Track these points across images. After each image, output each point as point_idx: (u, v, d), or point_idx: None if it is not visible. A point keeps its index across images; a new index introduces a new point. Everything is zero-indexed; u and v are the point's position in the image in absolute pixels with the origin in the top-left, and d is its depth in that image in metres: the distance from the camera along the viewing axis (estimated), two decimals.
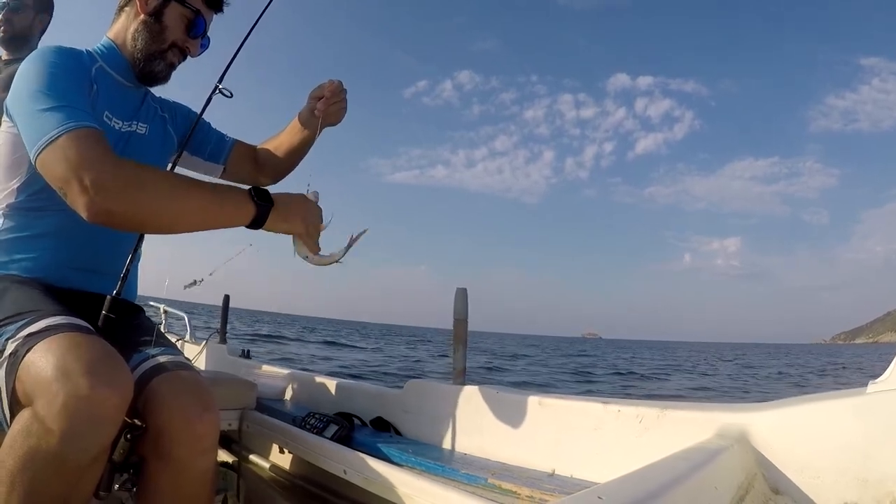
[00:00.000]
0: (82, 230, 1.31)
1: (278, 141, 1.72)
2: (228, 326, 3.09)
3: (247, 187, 1.23)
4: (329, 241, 1.35)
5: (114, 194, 1.07)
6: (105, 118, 1.37)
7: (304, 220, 1.27)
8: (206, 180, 1.37)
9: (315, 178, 1.43)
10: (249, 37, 1.55)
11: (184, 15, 1.42)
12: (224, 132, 1.73)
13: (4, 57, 2.33)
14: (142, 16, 1.41)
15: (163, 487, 1.21)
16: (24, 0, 2.33)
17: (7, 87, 1.28)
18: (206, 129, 1.70)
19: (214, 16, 1.52)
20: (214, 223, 1.20)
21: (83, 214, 1.08)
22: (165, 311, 3.84)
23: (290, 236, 1.31)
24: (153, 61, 1.43)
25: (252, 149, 1.77)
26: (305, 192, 1.34)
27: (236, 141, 1.74)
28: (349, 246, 1.33)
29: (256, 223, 1.20)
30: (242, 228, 1.23)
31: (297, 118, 1.64)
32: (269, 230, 1.24)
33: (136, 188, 1.10)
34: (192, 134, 1.56)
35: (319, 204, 1.34)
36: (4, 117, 1.29)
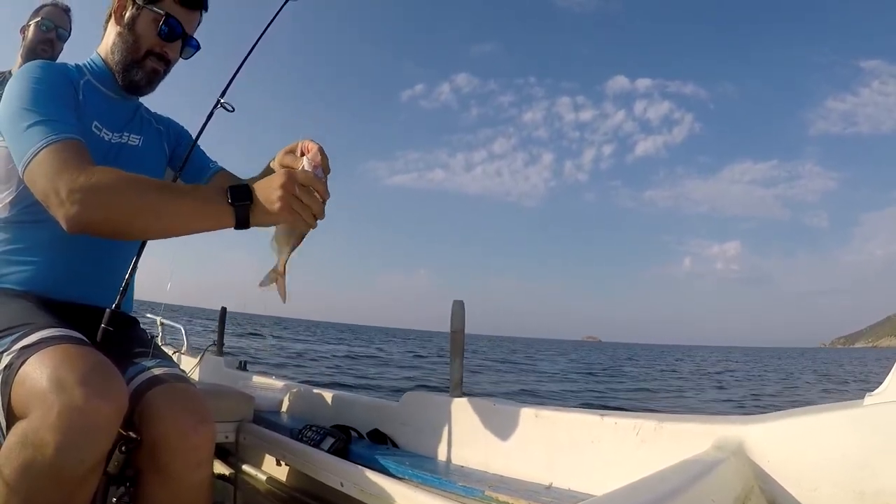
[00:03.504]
0: (76, 243, 1.31)
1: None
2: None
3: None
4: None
5: (88, 204, 1.09)
6: (94, 128, 1.37)
7: (286, 203, 1.13)
8: (187, 185, 1.36)
9: None
10: (252, 53, 1.56)
11: (155, 20, 1.40)
12: (224, 149, 1.70)
13: (14, 72, 2.39)
14: (118, 28, 1.42)
15: (159, 500, 1.21)
16: (69, 33, 2.48)
17: None
18: (195, 150, 1.64)
19: (202, 14, 1.49)
20: (195, 227, 1.18)
21: (64, 226, 1.10)
22: (162, 324, 3.83)
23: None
24: (131, 71, 1.43)
25: (236, 180, 1.65)
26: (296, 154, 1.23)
27: (221, 169, 1.66)
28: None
29: (242, 224, 1.14)
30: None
31: (273, 164, 1.42)
32: (261, 226, 1.17)
33: (110, 195, 1.10)
34: (190, 153, 1.55)
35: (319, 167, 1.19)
36: None
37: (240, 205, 1.14)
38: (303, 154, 1.27)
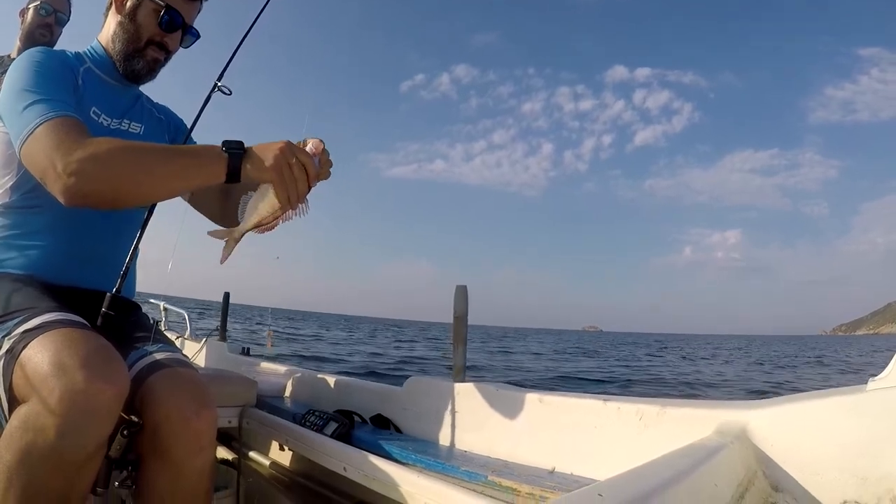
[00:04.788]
0: (77, 226, 1.32)
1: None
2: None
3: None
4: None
5: (84, 174, 1.09)
6: (93, 114, 1.38)
7: (278, 163, 1.14)
8: (177, 145, 1.36)
9: None
10: (249, 34, 1.55)
11: (155, 10, 1.41)
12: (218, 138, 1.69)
13: (13, 56, 2.40)
14: (119, 17, 1.43)
15: (160, 484, 1.21)
16: (68, 17, 2.49)
17: None
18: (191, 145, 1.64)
19: (202, 3, 1.50)
20: (191, 183, 1.19)
21: (60, 200, 1.11)
22: (165, 309, 3.84)
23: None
24: (132, 60, 1.44)
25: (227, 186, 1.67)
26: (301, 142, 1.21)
27: None
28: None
29: (233, 176, 1.15)
30: None
31: None
32: (247, 181, 1.17)
33: (105, 164, 1.11)
34: (189, 133, 1.55)
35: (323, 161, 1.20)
36: None
37: (233, 152, 1.15)
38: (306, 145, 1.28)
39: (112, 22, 1.44)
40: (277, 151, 1.14)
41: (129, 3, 1.41)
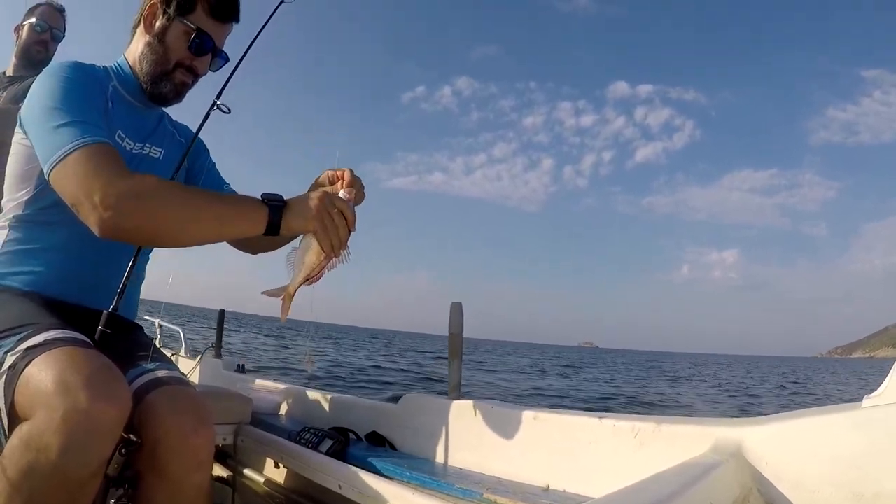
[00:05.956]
0: (86, 246, 1.30)
1: None
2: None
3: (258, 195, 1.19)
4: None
5: (123, 211, 1.08)
6: (118, 137, 1.35)
7: (319, 213, 1.16)
8: (218, 192, 1.35)
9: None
10: (249, 52, 1.54)
11: (186, 33, 1.36)
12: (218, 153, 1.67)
13: (9, 73, 2.40)
14: (147, 37, 1.38)
15: (158, 502, 1.20)
16: (63, 34, 2.49)
17: (19, 100, 1.29)
18: (211, 167, 1.65)
19: (232, 25, 1.46)
20: (228, 233, 1.21)
21: (95, 231, 1.09)
22: (160, 326, 3.82)
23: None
24: (160, 83, 1.39)
25: None
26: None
27: (234, 192, 1.62)
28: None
29: (272, 228, 1.15)
30: None
31: None
32: (288, 233, 1.19)
33: (146, 203, 1.10)
34: (189, 149, 1.54)
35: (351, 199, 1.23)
36: (17, 128, 1.29)
37: (274, 204, 1.16)
38: (338, 180, 1.32)
39: (140, 41, 1.40)
40: (317, 202, 1.16)
41: (158, 24, 1.37)
